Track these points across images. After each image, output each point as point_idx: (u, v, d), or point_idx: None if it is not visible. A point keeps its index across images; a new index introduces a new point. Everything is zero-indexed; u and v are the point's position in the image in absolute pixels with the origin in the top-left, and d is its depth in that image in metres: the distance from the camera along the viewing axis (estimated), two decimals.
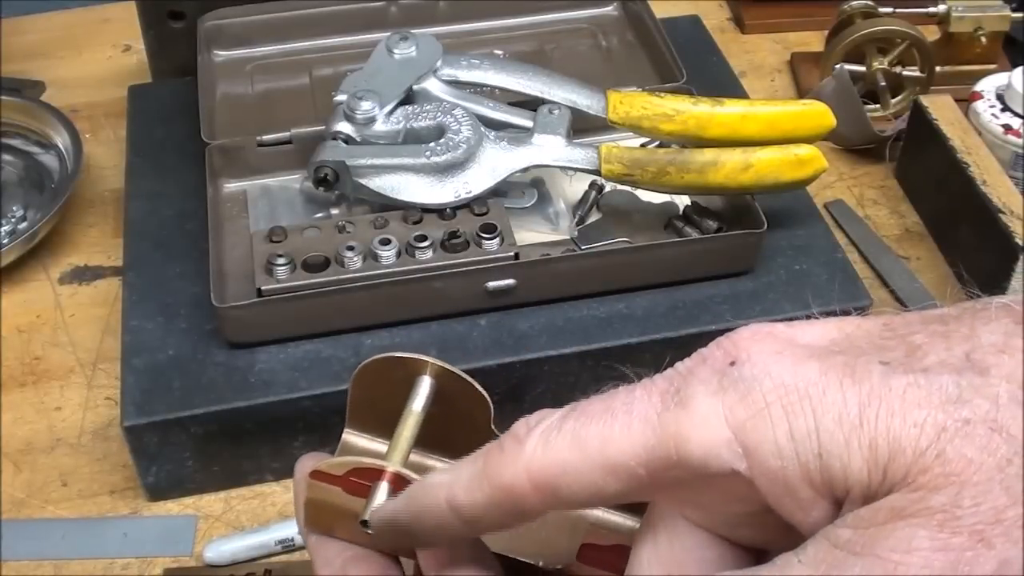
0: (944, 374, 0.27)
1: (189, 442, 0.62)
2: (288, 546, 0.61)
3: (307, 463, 0.37)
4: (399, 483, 0.34)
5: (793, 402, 0.27)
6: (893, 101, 0.90)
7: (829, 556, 0.26)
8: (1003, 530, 0.25)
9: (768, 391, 0.27)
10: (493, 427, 0.38)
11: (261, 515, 0.64)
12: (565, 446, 0.29)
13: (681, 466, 0.28)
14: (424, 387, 0.37)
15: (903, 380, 0.27)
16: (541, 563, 0.36)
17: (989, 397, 0.26)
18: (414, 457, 0.37)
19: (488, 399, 0.37)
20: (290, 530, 0.61)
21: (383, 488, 0.34)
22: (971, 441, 0.26)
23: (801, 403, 0.27)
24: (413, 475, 0.34)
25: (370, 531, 0.34)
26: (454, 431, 0.38)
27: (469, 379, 0.37)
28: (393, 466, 0.34)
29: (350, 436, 0.40)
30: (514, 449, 0.29)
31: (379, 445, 0.39)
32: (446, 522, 0.31)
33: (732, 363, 0.28)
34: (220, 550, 0.61)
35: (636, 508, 0.37)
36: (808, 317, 0.30)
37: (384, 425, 0.38)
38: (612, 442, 0.28)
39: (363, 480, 0.34)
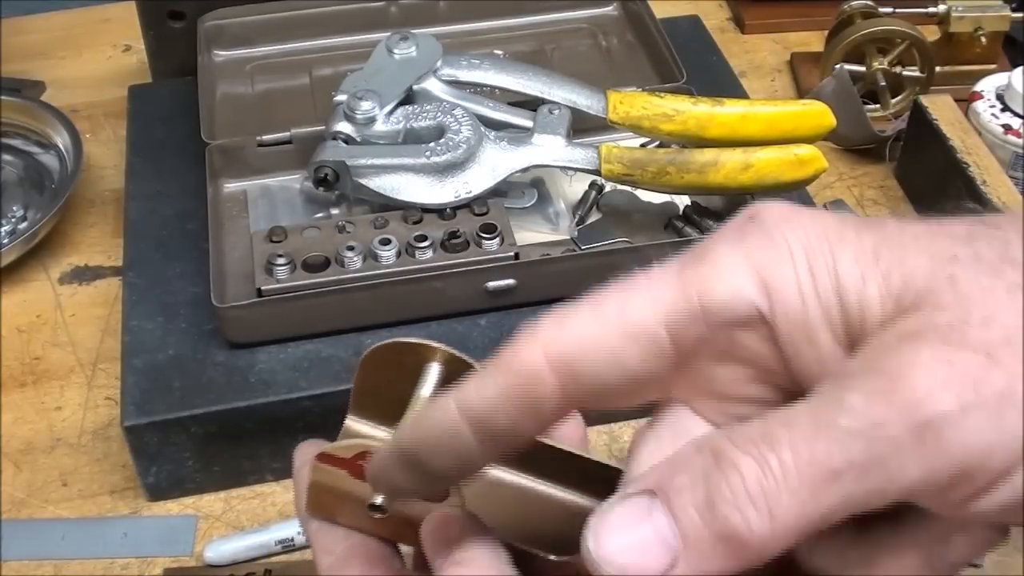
0: (957, 224, 0.27)
1: (189, 442, 0.62)
2: (288, 546, 0.61)
3: (308, 448, 0.37)
4: None
5: (812, 244, 0.27)
6: (893, 101, 0.90)
7: (834, 385, 0.25)
8: (1014, 350, 0.25)
9: (788, 234, 0.27)
10: None
11: (261, 515, 0.64)
12: (582, 317, 0.28)
13: (705, 315, 0.27)
14: (433, 373, 0.37)
15: (917, 227, 0.27)
16: (549, 555, 0.36)
17: (999, 238, 0.26)
18: None
19: None
20: (290, 530, 0.61)
21: None
22: (982, 268, 0.26)
23: (819, 245, 0.27)
24: None
25: (378, 515, 0.33)
26: None
27: (478, 366, 0.37)
28: None
29: (353, 423, 0.39)
30: (527, 332, 0.29)
31: (382, 432, 0.39)
32: (456, 437, 0.28)
33: (751, 217, 0.28)
34: (220, 550, 0.61)
35: None
36: None
37: (388, 412, 0.38)
38: (632, 304, 0.28)
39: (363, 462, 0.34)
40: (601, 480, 0.37)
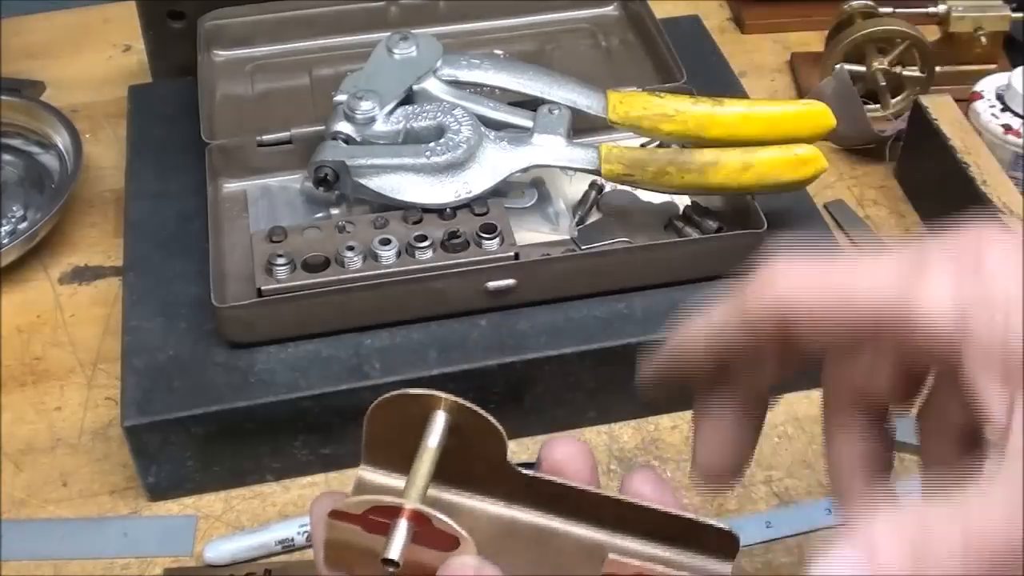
0: None
1: (189, 442, 0.62)
2: (288, 546, 0.61)
3: (324, 502, 0.38)
4: (418, 520, 0.35)
5: (1014, 305, 0.30)
6: (893, 101, 0.90)
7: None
8: None
9: (998, 289, 0.30)
10: (509, 460, 0.39)
11: (261, 515, 0.64)
12: (813, 285, 0.34)
13: (907, 323, 0.31)
14: (439, 422, 0.38)
15: None
16: None
17: None
18: (432, 492, 0.38)
19: (502, 431, 0.38)
20: (290, 530, 0.61)
21: (403, 525, 0.35)
22: None
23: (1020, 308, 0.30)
24: (431, 511, 0.35)
25: (392, 569, 0.34)
26: (470, 464, 0.39)
27: (483, 412, 0.38)
28: (411, 503, 0.35)
29: (366, 473, 0.40)
30: (767, 281, 0.34)
31: (396, 481, 0.40)
32: (706, 349, 0.37)
33: (973, 262, 0.31)
34: (220, 550, 0.61)
35: (656, 535, 0.38)
36: None
37: (400, 460, 0.39)
38: (857, 286, 0.32)
39: (382, 518, 0.35)
40: (613, 514, 0.38)
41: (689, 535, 0.37)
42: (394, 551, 0.34)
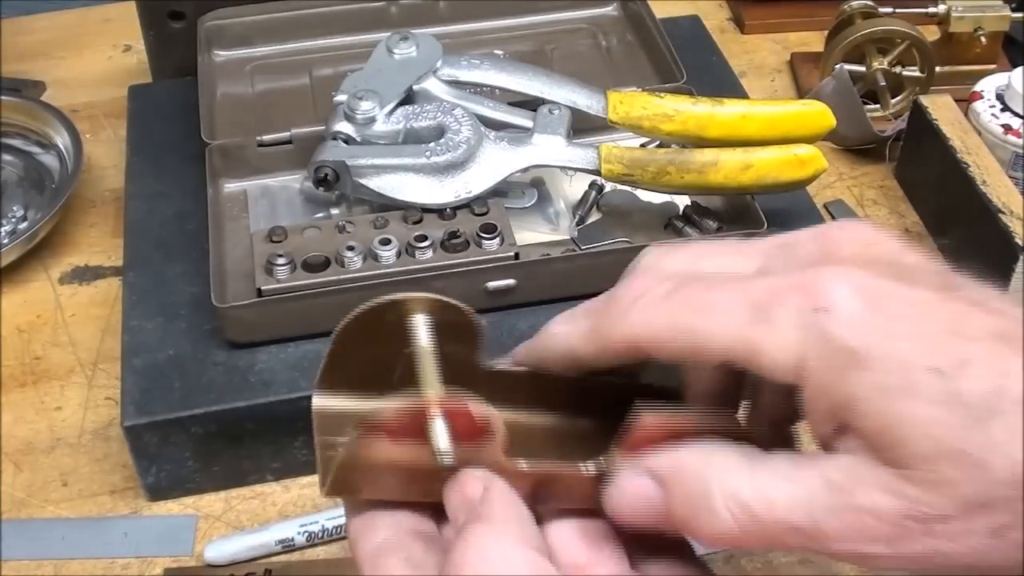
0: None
1: (189, 442, 0.62)
2: (288, 546, 0.61)
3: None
4: (456, 417, 0.34)
5: (851, 363, 0.31)
6: (893, 101, 0.90)
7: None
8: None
9: (838, 338, 0.32)
10: (485, 362, 0.39)
11: (261, 515, 0.64)
12: (663, 324, 0.35)
13: (753, 365, 0.33)
14: (422, 324, 0.37)
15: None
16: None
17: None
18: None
19: (482, 324, 0.39)
20: (290, 530, 0.61)
21: (439, 418, 0.34)
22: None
23: (856, 364, 0.31)
24: (463, 398, 0.34)
25: (447, 463, 0.34)
26: (447, 367, 0.37)
27: (464, 307, 0.38)
28: (440, 395, 0.34)
29: (323, 400, 0.38)
30: (620, 315, 0.36)
31: (358, 404, 0.38)
32: (563, 361, 0.39)
33: (816, 309, 0.32)
34: (220, 550, 0.61)
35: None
36: None
37: (361, 379, 0.37)
38: (702, 335, 0.34)
39: (403, 421, 0.34)
40: (604, 400, 0.39)
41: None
42: (443, 443, 0.33)
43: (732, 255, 0.37)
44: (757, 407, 0.40)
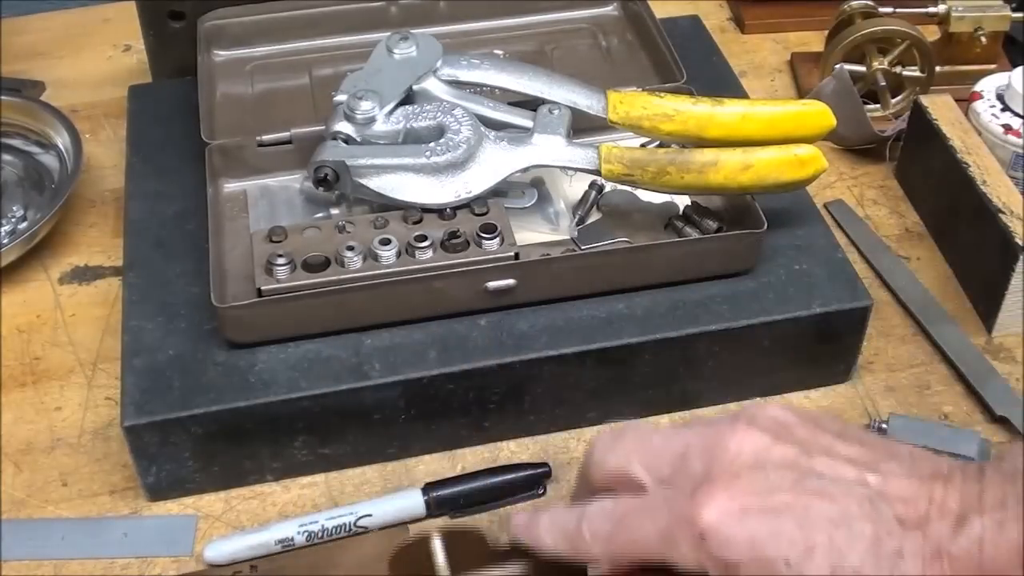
0: None
1: (189, 442, 0.62)
2: (288, 546, 0.61)
3: None
4: None
5: (730, 567, 0.42)
6: (893, 101, 0.90)
7: None
8: None
9: (717, 559, 0.42)
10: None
11: (261, 515, 0.64)
12: (616, 548, 0.46)
13: (671, 565, 0.44)
14: (438, 548, 0.50)
15: None
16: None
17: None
18: None
19: (484, 534, 0.52)
20: (290, 530, 0.61)
21: None
22: None
23: (735, 568, 0.42)
24: None
25: None
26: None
27: (471, 526, 0.49)
28: None
29: None
30: (587, 546, 0.47)
31: None
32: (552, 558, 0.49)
33: (699, 536, 0.42)
34: (220, 550, 0.61)
35: None
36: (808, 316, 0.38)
37: None
38: (642, 553, 0.45)
39: None
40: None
41: None
42: None
43: (652, 457, 0.46)
44: None
